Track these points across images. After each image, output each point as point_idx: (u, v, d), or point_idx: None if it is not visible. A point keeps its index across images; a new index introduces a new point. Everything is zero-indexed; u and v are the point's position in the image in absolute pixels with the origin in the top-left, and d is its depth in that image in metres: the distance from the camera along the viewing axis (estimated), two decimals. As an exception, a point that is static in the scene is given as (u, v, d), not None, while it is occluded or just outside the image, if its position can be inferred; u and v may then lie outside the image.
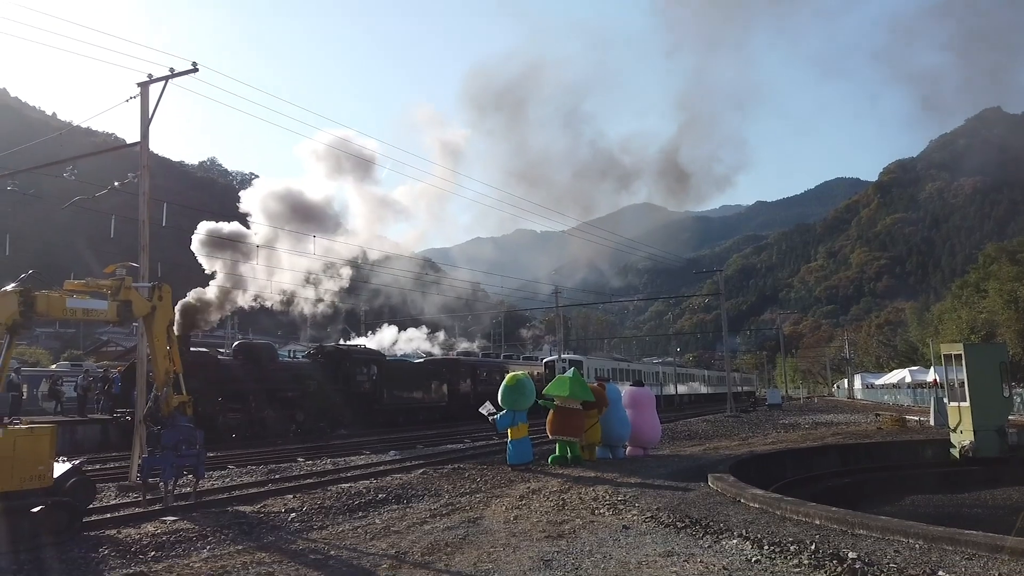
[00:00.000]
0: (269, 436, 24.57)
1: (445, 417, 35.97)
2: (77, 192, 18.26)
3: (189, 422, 9.99)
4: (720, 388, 67.23)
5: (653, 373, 60.67)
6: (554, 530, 7.92)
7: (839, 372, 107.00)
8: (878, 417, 32.35)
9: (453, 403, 37.40)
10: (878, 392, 70.65)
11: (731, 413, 39.51)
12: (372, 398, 31.10)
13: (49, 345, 75.01)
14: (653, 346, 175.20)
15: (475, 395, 39.14)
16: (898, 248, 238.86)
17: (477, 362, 43.56)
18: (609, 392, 15.76)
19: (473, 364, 42.13)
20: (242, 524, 8.91)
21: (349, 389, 29.59)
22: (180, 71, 15.35)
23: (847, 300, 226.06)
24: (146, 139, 15.21)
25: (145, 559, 7.22)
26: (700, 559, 6.43)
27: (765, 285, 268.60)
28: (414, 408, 34.61)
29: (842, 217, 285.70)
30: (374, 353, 34.29)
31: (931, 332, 71.80)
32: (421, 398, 35.33)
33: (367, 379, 31.14)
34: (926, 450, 18.60)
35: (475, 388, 39.83)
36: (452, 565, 6.49)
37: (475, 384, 40.15)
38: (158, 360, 9.89)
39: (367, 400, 30.64)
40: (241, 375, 24.90)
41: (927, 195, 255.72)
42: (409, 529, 8.33)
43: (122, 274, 9.82)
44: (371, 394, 31.12)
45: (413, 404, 34.58)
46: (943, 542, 6.79)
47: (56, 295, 8.68)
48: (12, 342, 8.35)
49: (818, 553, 6.47)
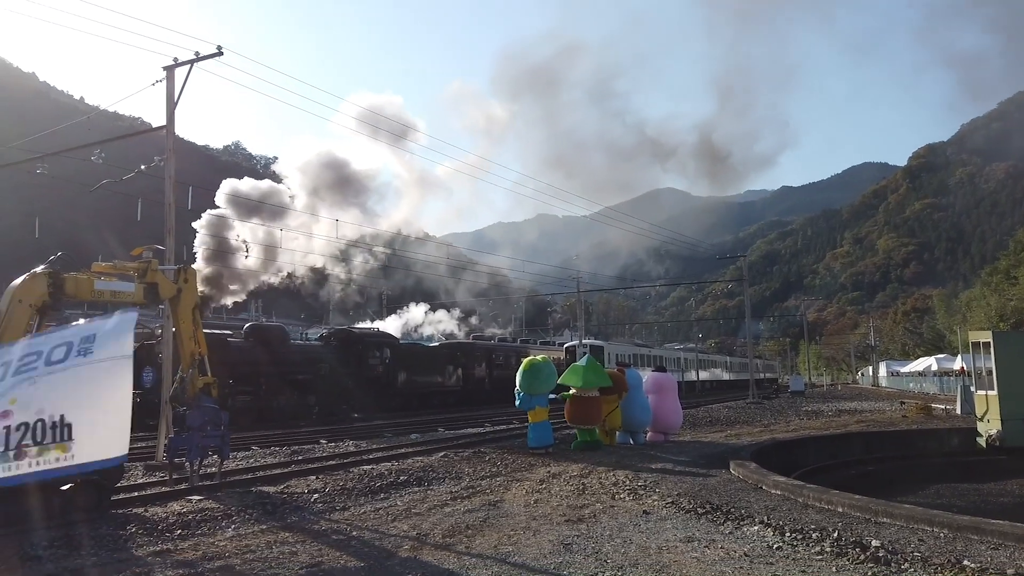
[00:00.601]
0: (280, 419, 24.54)
1: (460, 402, 35.84)
2: (104, 175, 18.48)
3: (214, 403, 10.12)
4: (742, 375, 66.86)
5: (675, 359, 60.40)
6: (574, 514, 7.94)
7: (864, 359, 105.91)
8: (903, 405, 32.02)
9: (468, 387, 37.27)
10: (903, 380, 69.86)
11: (753, 400, 39.28)
12: (385, 382, 30.98)
13: (78, 326, 76.07)
14: (675, 332, 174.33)
15: (490, 379, 39.41)
16: (926, 234, 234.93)
17: (492, 346, 43.38)
18: (630, 377, 15.74)
19: (488, 348, 41.93)
20: (266, 504, 9.03)
21: (361, 373, 29.45)
22: (205, 55, 15.44)
23: (873, 287, 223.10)
24: (172, 123, 15.35)
25: (172, 537, 7.35)
26: (721, 545, 6.42)
27: (789, 271, 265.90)
28: (428, 392, 34.48)
29: (869, 203, 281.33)
30: (387, 336, 34.20)
31: (959, 319, 70.74)
32: (435, 382, 35.14)
33: (380, 362, 30.99)
34: (952, 439, 18.39)
35: (491, 372, 39.75)
36: (473, 547, 6.54)
37: (491, 368, 40.00)
38: (184, 342, 10.01)
39: (380, 384, 30.53)
40: (251, 358, 24.61)
41: (958, 180, 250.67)
42: (430, 511, 8.39)
43: (149, 257, 9.93)
44: (384, 378, 31.01)
45: (427, 388, 34.45)
46: (968, 531, 6.72)
47: (84, 277, 8.80)
48: (42, 323, 8.49)
49: (840, 541, 6.43)
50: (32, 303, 8.18)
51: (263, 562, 6.14)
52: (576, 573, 5.61)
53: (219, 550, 6.65)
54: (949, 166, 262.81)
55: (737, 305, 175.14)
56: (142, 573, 5.87)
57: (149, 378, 21.81)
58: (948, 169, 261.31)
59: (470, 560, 6.08)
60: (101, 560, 6.38)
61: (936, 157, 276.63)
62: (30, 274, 8.33)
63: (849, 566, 5.73)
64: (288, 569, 5.91)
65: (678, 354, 65.89)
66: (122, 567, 6.08)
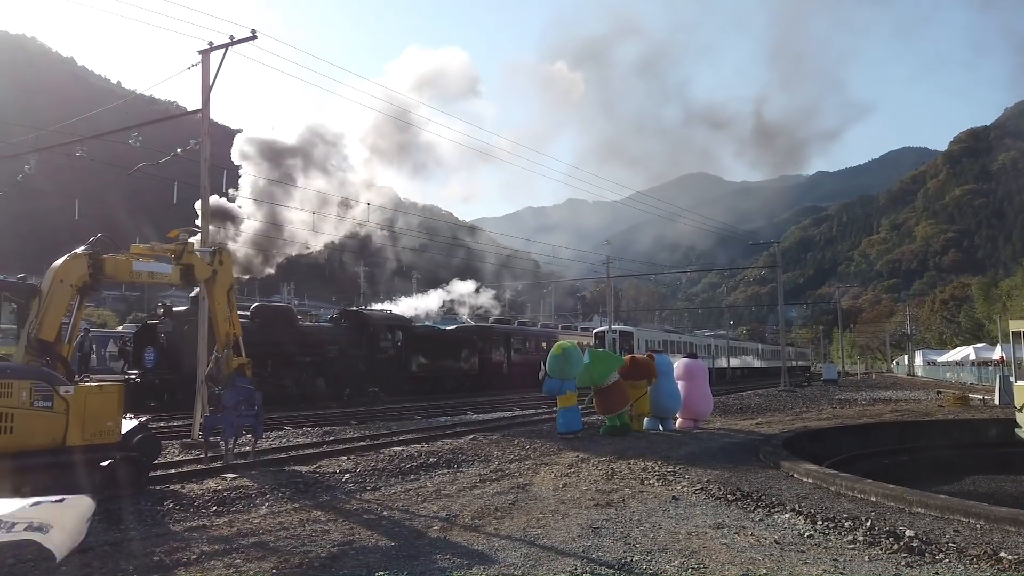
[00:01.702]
0: (289, 402, 23.59)
1: (476, 387, 34.96)
2: (141, 159, 18.78)
3: (248, 383, 10.27)
4: (774, 362, 66.11)
5: (705, 345, 59.95)
6: (603, 498, 7.95)
7: (899, 348, 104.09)
8: (939, 395, 31.46)
9: (485, 372, 36.29)
10: (940, 369, 68.57)
11: (785, 388, 38.88)
12: (397, 365, 30.06)
13: (115, 307, 77.93)
14: (706, 318, 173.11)
15: (509, 364, 38.44)
16: (966, 221, 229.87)
17: (511, 330, 41.73)
18: (660, 364, 15.67)
19: (507, 332, 40.43)
20: (298, 483, 9.17)
21: (373, 355, 28.57)
22: (239, 39, 15.55)
23: (910, 274, 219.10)
24: (207, 106, 15.50)
25: (207, 513, 7.50)
26: (751, 532, 6.38)
27: (824, 258, 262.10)
28: (442, 376, 33.44)
29: (907, 188, 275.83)
30: (400, 319, 33.05)
31: (999, 308, 69.16)
32: (450, 366, 34.08)
33: (392, 345, 29.99)
34: (990, 429, 18.06)
35: (509, 357, 38.72)
36: (502, 529, 6.58)
37: (509, 353, 38.90)
38: (219, 323, 10.16)
39: (391, 367, 29.52)
40: (257, 338, 22.73)
41: (1000, 165, 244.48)
42: (459, 493, 8.45)
43: (185, 239, 10.08)
44: (396, 360, 30.04)
45: (441, 372, 33.38)
46: (1005, 523, 6.61)
47: (123, 259, 8.96)
48: (82, 303, 8.67)
49: (873, 530, 6.35)
50: (73, 283, 8.36)
51: (296, 539, 6.25)
52: (605, 557, 5.62)
53: (253, 527, 6.77)
54: (991, 151, 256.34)
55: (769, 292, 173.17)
56: (179, 548, 6.00)
57: (150, 358, 21.95)
58: (990, 154, 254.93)
59: (499, 542, 6.12)
60: (140, 535, 6.54)
61: (978, 142, 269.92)
62: (71, 255, 8.50)
63: (882, 555, 5.66)
64: (320, 547, 6.00)
65: (709, 341, 65.38)
66: (160, 542, 6.23)
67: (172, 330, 21.68)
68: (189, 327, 19.18)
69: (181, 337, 20.68)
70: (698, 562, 5.42)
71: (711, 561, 5.46)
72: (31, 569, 5.23)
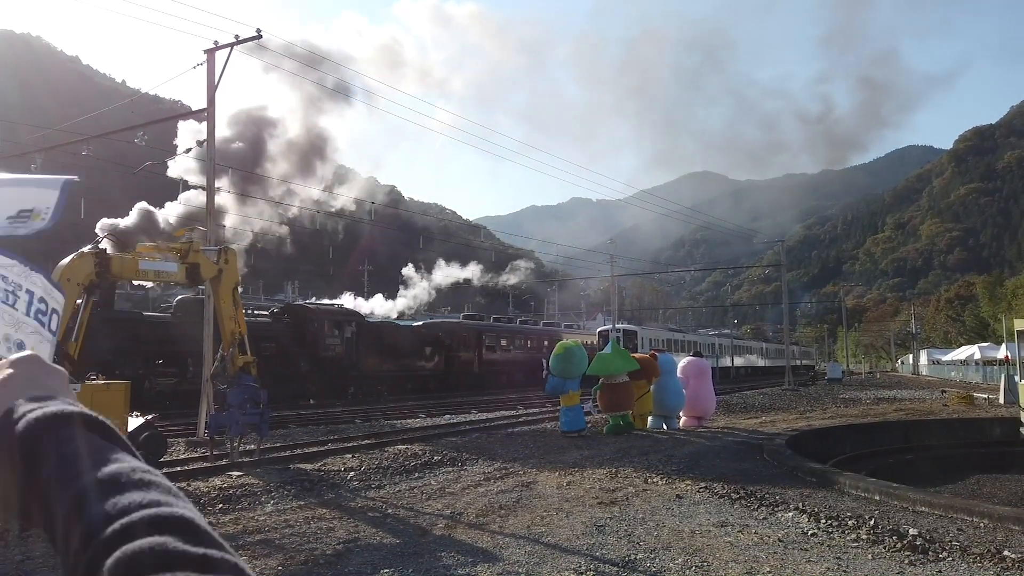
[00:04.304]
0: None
1: (440, 388, 31.85)
2: (147, 157, 18.85)
3: (254, 382, 10.32)
4: (778, 361, 65.98)
5: (709, 344, 59.86)
6: (607, 497, 7.97)
7: (904, 347, 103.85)
8: (944, 394, 31.39)
9: (452, 372, 33.32)
10: (944, 368, 68.40)
11: (789, 386, 38.84)
12: (346, 364, 27.29)
13: (121, 306, 77.99)
14: (709, 317, 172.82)
15: (480, 364, 35.45)
16: (972, 220, 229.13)
17: (484, 327, 38.47)
18: (663, 363, 15.67)
19: (479, 329, 37.13)
20: (303, 481, 9.21)
21: (317, 353, 26.00)
22: (244, 38, 15.59)
23: (915, 273, 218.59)
24: (212, 106, 15.55)
25: (213, 511, 7.54)
26: (755, 530, 6.40)
27: (828, 257, 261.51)
28: (400, 377, 30.32)
29: (913, 187, 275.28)
30: (350, 313, 29.96)
31: (1004, 307, 68.91)
32: (409, 365, 31.05)
33: (339, 342, 27.30)
34: (994, 428, 18.03)
35: (480, 356, 35.57)
36: (506, 527, 6.60)
37: (480, 351, 35.68)
38: (224, 322, 10.21)
39: (338, 366, 26.89)
40: (178, 336, 20.82)
41: (1006, 164, 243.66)
42: (464, 491, 8.48)
43: (191, 238, 10.14)
44: (344, 359, 27.30)
45: (399, 372, 30.33)
46: (1009, 522, 6.61)
47: (129, 257, 9.02)
48: (89, 302, 8.73)
49: (877, 528, 6.36)
50: (80, 282, 8.42)
51: (301, 537, 6.29)
52: (609, 555, 5.64)
53: (259, 524, 6.81)
54: (997, 150, 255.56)
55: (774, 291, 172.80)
56: (186, 545, 6.03)
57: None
58: (996, 153, 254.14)
59: (503, 539, 6.14)
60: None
61: (984, 140, 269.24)
62: (78, 254, 8.56)
63: (885, 554, 5.67)
64: (326, 544, 6.04)
65: (712, 339, 65.29)
66: (167, 538, 6.26)
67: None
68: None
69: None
70: (702, 560, 5.44)
71: (714, 559, 5.48)
72: (39, 566, 5.28)
